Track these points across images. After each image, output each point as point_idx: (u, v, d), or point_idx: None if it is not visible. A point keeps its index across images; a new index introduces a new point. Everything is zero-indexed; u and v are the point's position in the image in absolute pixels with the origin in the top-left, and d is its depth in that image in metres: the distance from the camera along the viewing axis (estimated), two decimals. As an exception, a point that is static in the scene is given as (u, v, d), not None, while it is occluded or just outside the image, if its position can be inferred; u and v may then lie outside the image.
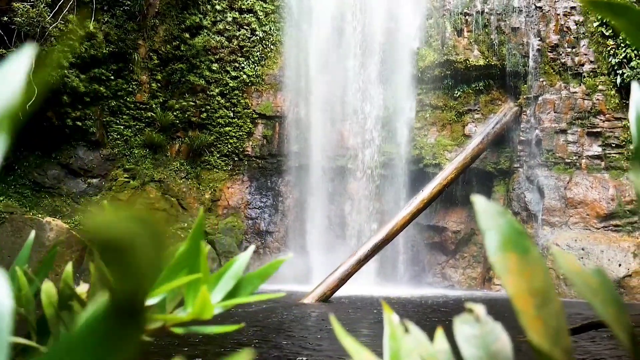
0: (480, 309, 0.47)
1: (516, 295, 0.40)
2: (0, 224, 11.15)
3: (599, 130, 12.27)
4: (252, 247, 0.72)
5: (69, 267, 0.65)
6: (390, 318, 0.52)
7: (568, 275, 0.42)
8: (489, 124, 12.87)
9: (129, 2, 13.31)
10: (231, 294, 0.62)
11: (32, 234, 0.78)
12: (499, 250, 0.42)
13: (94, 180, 13.51)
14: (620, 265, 10.96)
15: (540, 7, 12.78)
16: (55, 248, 0.75)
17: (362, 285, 11.32)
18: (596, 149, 12.26)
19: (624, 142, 12.10)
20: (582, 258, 11.23)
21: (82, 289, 0.64)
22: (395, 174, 13.45)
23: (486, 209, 0.43)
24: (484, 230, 0.42)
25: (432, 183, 11.65)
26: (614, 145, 12.16)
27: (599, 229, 11.83)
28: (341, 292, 10.04)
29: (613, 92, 12.17)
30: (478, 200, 0.44)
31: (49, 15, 10.94)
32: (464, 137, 13.22)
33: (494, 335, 0.44)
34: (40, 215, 11.62)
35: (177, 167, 14.10)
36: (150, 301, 0.54)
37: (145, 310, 0.35)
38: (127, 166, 13.59)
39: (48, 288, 0.64)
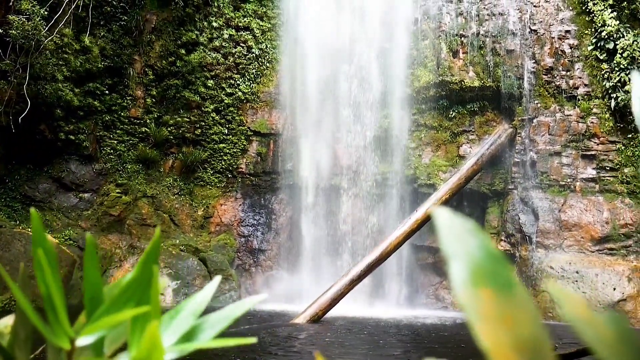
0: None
1: (494, 351, 0.27)
2: (-12, 238, 10.97)
3: (593, 153, 12.27)
4: (217, 278, 0.62)
5: None
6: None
7: (575, 324, 0.32)
8: (483, 145, 12.87)
9: (125, 17, 13.32)
10: (189, 336, 0.50)
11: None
12: (468, 284, 0.30)
13: (86, 195, 13.37)
14: (614, 289, 10.87)
15: (535, 30, 12.87)
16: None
17: (354, 306, 11.17)
18: (590, 172, 12.25)
19: (618, 166, 12.10)
20: (576, 282, 11.14)
21: (4, 322, 0.54)
22: (389, 193, 13.38)
23: (451, 227, 0.31)
24: (448, 255, 0.31)
25: (427, 203, 11.59)
26: (608, 168, 12.15)
27: (593, 252, 11.76)
28: (333, 312, 9.90)
29: (607, 115, 12.20)
30: (440, 215, 0.33)
31: (44, 29, 10.91)
32: (458, 157, 13.19)
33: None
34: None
35: (170, 183, 13.99)
36: (83, 340, 0.44)
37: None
38: (119, 181, 13.47)
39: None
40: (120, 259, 12.57)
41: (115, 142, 13.68)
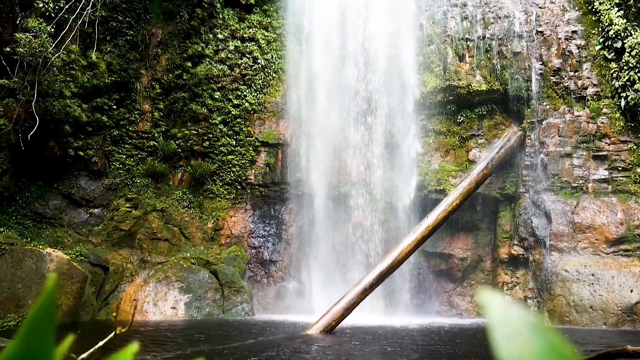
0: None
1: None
2: (0, 256, 10.99)
3: (604, 153, 12.13)
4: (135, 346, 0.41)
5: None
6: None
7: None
8: (493, 149, 12.77)
9: (131, 32, 13.39)
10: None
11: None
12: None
13: (96, 210, 13.39)
14: (632, 291, 10.69)
15: (541, 32, 12.79)
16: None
17: (367, 315, 11.06)
18: (602, 173, 12.10)
19: (630, 165, 11.95)
20: (592, 284, 10.97)
21: None
22: (399, 200, 13.29)
23: (506, 323, 0.25)
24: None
25: (437, 209, 11.49)
26: (620, 168, 12.00)
27: (608, 254, 11.59)
28: (346, 322, 9.79)
29: (618, 114, 12.07)
30: (492, 305, 0.27)
31: (51, 46, 10.98)
32: (468, 162, 13.09)
33: None
34: (40, 246, 11.47)
35: (179, 196, 13.99)
36: None
37: None
38: (129, 195, 13.48)
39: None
40: (132, 274, 12.55)
41: (124, 156, 13.71)
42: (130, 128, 13.75)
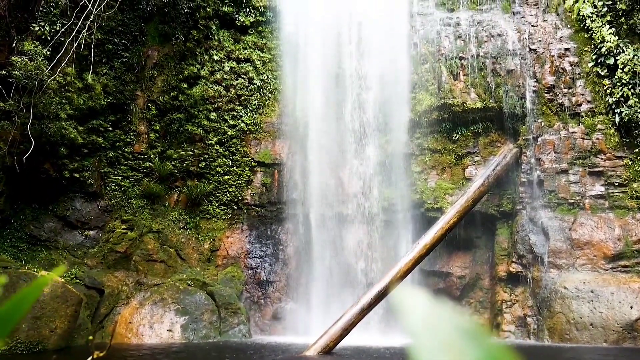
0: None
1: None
2: (-7, 279, 10.86)
3: (600, 169, 12.15)
4: None
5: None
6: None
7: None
8: (489, 166, 12.77)
9: (127, 54, 13.45)
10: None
11: None
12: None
13: (91, 232, 13.31)
14: (631, 307, 10.62)
15: (534, 50, 12.90)
16: None
17: (366, 335, 10.94)
18: (599, 189, 12.11)
19: (626, 181, 11.96)
20: (591, 301, 10.90)
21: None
22: (396, 219, 13.25)
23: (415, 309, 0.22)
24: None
25: (434, 227, 11.45)
26: (616, 184, 12.01)
27: (607, 270, 11.53)
28: (345, 343, 9.67)
29: (612, 130, 12.12)
30: (405, 300, 0.24)
31: (47, 68, 11.01)
32: (464, 180, 13.09)
33: None
34: (35, 269, 11.35)
35: (175, 217, 13.92)
36: None
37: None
38: (124, 217, 13.41)
39: None
40: (128, 296, 12.42)
41: (120, 178, 13.67)
42: (126, 149, 13.74)
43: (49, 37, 11.64)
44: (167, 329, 11.40)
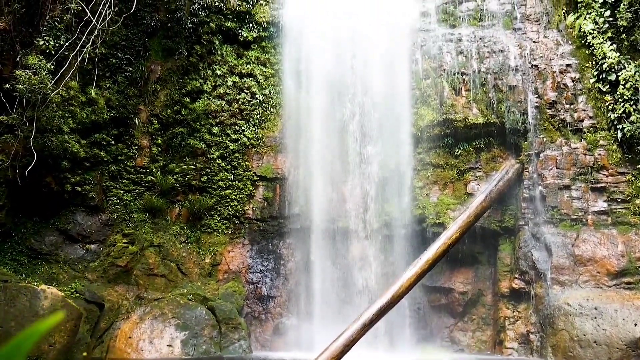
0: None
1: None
2: (-7, 293, 10.82)
3: (603, 185, 12.11)
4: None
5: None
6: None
7: None
8: (491, 182, 12.75)
9: (130, 69, 13.52)
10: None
11: None
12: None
13: (92, 246, 13.26)
14: (636, 325, 10.51)
15: (536, 66, 12.94)
16: None
17: (367, 351, 10.85)
18: (602, 205, 12.06)
19: (629, 197, 11.91)
20: (595, 318, 10.79)
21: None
22: (398, 234, 13.21)
23: None
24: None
25: (437, 243, 11.40)
26: (619, 200, 11.96)
27: (610, 287, 11.44)
28: (346, 359, 9.58)
29: (615, 146, 12.10)
30: None
31: (50, 82, 11.06)
32: (466, 195, 13.06)
33: None
34: (35, 283, 11.31)
35: (176, 231, 13.88)
36: None
37: None
38: (126, 231, 13.38)
39: None
40: (128, 311, 12.34)
41: (122, 191, 13.67)
42: (128, 163, 13.75)
43: (53, 52, 11.71)
44: (167, 344, 11.32)
